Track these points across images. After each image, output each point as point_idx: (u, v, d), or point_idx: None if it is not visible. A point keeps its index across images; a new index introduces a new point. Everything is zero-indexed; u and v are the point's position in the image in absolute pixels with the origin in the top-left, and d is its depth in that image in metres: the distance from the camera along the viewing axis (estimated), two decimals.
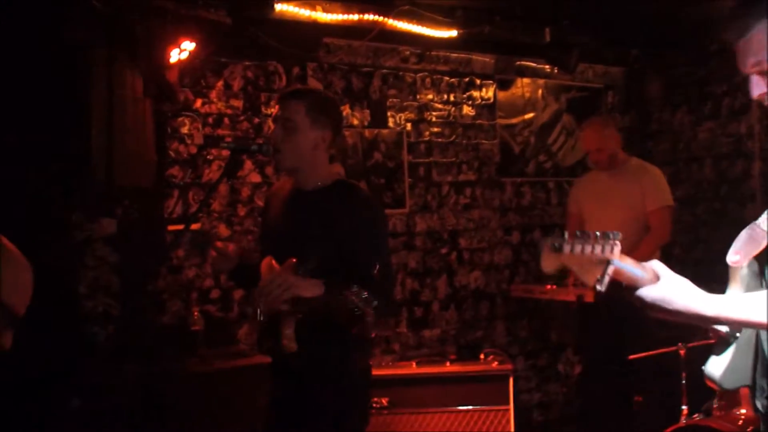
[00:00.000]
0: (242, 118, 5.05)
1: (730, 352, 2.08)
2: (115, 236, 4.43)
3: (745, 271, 2.06)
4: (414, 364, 4.91)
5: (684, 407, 3.99)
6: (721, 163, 6.35)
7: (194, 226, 3.43)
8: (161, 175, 4.72)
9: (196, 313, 4.56)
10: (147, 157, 4.50)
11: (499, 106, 6.26)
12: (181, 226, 4.58)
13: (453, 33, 5.45)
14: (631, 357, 4.26)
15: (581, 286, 5.13)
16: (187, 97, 4.85)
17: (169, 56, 4.36)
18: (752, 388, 2.16)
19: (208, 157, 4.91)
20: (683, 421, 3.84)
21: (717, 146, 6.37)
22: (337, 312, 2.81)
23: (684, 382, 4.05)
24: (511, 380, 4.79)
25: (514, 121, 6.35)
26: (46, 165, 4.07)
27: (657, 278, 1.85)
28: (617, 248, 1.85)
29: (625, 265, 1.82)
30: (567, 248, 1.79)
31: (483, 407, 4.77)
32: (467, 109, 6.10)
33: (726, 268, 2.16)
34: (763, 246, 2.01)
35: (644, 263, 1.88)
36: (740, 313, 1.84)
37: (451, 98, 6.02)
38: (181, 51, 4.35)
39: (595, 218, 5.27)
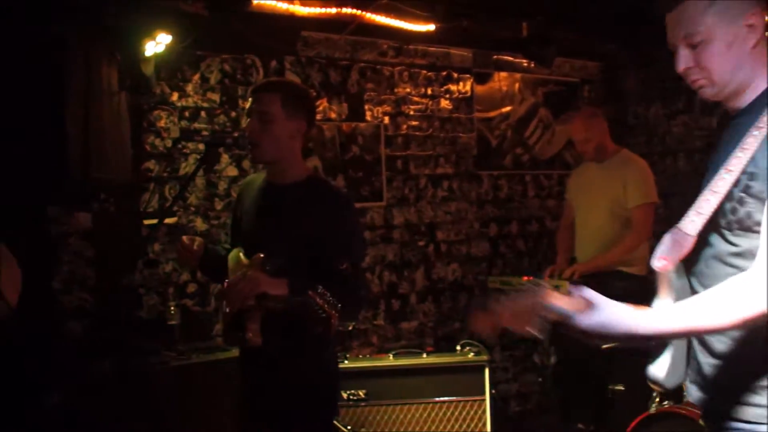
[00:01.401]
0: (219, 111, 5.04)
1: (668, 352, 2.08)
2: (91, 230, 4.42)
3: (673, 276, 2.06)
4: (391, 356, 4.92)
5: (655, 394, 4.03)
6: (694, 156, 6.40)
7: (170, 220, 3.44)
8: (137, 168, 4.70)
9: (172, 308, 4.55)
10: (123, 150, 4.48)
11: (477, 100, 6.29)
12: (156, 220, 4.65)
13: (431, 27, 5.47)
14: (605, 346, 4.30)
15: (557, 277, 5.17)
16: (163, 91, 4.83)
17: (146, 49, 4.34)
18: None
19: (185, 150, 4.90)
20: (653, 408, 3.88)
21: (690, 140, 6.43)
22: (300, 312, 2.84)
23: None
24: (487, 371, 4.81)
25: (491, 114, 6.37)
26: (20, 159, 4.04)
27: (588, 306, 1.86)
28: (544, 290, 1.88)
29: (553, 306, 1.84)
30: (494, 306, 1.84)
31: (460, 398, 4.79)
32: (445, 103, 6.12)
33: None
34: (687, 249, 2.02)
35: (571, 296, 1.88)
36: (677, 324, 1.87)
37: (429, 92, 6.03)
38: (158, 44, 4.32)
39: (582, 210, 5.30)
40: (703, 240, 2.03)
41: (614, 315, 1.85)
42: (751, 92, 2.03)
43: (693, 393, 2.11)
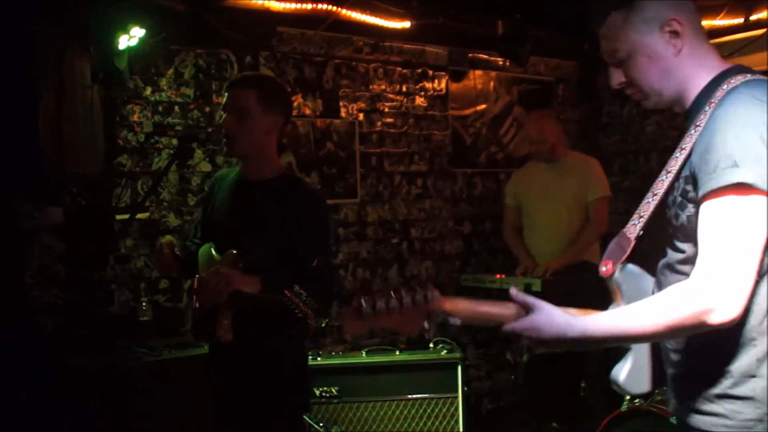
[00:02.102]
0: (193, 106, 5.01)
1: (629, 356, 2.05)
2: (63, 225, 4.37)
3: (620, 280, 2.02)
4: (363, 353, 4.92)
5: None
6: (667, 155, 6.43)
7: (142, 215, 3.43)
8: (110, 163, 4.67)
9: (144, 304, 4.52)
10: (95, 144, 4.44)
11: (452, 98, 6.30)
12: (128, 216, 4.61)
13: (406, 24, 5.47)
14: None
15: (530, 275, 5.21)
16: (136, 85, 4.79)
17: (119, 42, 4.29)
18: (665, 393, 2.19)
19: (158, 145, 4.86)
20: (625, 406, 3.90)
21: (663, 139, 6.48)
22: (273, 309, 2.84)
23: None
24: (460, 368, 4.82)
25: (466, 112, 6.38)
26: None
27: (525, 311, 1.87)
28: (435, 295, 1.90)
29: (480, 309, 1.89)
30: (369, 310, 1.84)
31: (432, 395, 4.79)
32: (419, 100, 6.12)
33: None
34: (627, 253, 2.00)
35: (507, 302, 1.90)
36: (610, 328, 1.85)
37: (404, 89, 6.03)
38: (131, 37, 4.28)
39: (537, 211, 5.37)
40: (661, 249, 2.02)
41: (546, 319, 1.85)
42: (691, 95, 1.99)
43: (669, 401, 2.11)
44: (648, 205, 1.98)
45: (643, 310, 1.82)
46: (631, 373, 2.05)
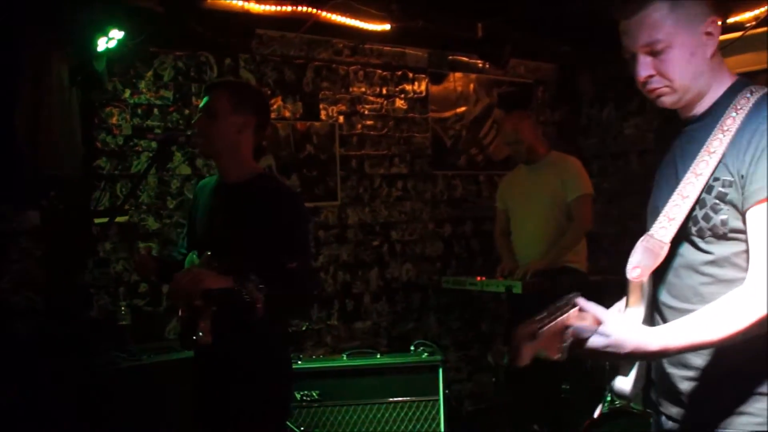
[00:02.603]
0: (172, 109, 4.98)
1: (635, 369, 2.07)
2: (41, 228, 4.33)
3: (645, 285, 2.03)
4: (344, 357, 4.91)
5: (607, 394, 4.08)
6: (645, 157, 6.49)
7: (121, 219, 3.42)
8: (88, 166, 4.63)
9: (123, 308, 4.48)
10: (74, 147, 4.41)
11: (432, 100, 6.30)
12: (107, 219, 4.58)
13: (386, 27, 5.46)
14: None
15: (510, 277, 5.21)
16: (115, 87, 4.75)
17: (98, 44, 4.26)
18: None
19: (137, 148, 4.83)
20: (606, 407, 3.92)
21: (642, 141, 6.52)
22: (232, 301, 2.83)
23: (609, 369, 4.14)
24: (440, 371, 4.82)
25: (446, 114, 6.39)
26: None
27: (597, 322, 1.85)
28: (575, 310, 1.87)
29: (580, 326, 1.84)
30: (541, 331, 1.81)
31: (413, 398, 4.79)
32: (400, 103, 6.11)
33: None
34: (662, 258, 2.00)
35: (588, 311, 1.88)
36: (683, 340, 1.84)
37: (384, 91, 6.03)
38: (110, 39, 4.25)
39: (519, 214, 5.39)
40: (670, 249, 2.01)
41: (626, 332, 1.84)
42: (707, 100, 2.03)
43: (667, 407, 2.11)
44: (679, 208, 1.97)
45: (712, 321, 1.84)
46: (636, 382, 2.08)
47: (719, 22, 1.98)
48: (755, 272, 1.85)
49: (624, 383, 2.08)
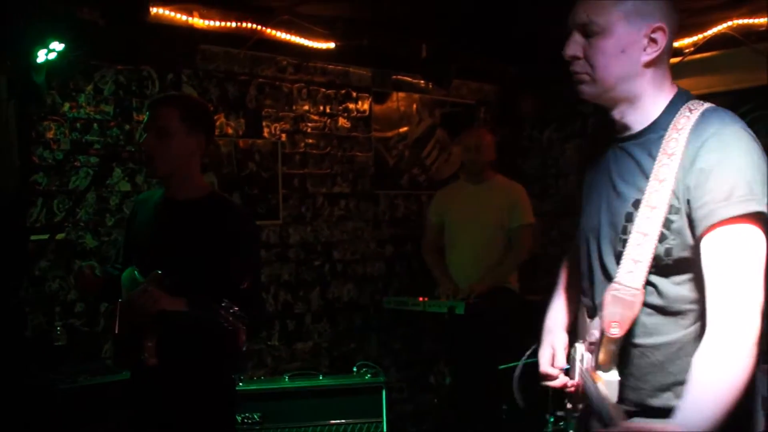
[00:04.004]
0: (113, 124, 4.86)
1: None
2: None
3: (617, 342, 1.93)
4: (286, 378, 4.84)
5: (548, 415, 4.09)
6: None
7: (58, 236, 3.34)
8: (24, 181, 4.49)
9: (59, 328, 4.35)
10: (9, 161, 4.29)
11: (375, 119, 6.29)
12: (45, 236, 4.45)
13: (331, 45, 5.46)
14: (501, 366, 4.34)
15: (452, 298, 5.22)
16: (54, 100, 4.62)
17: (37, 56, 4.15)
18: None
19: (76, 163, 4.70)
20: (550, 427, 3.93)
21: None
22: (206, 327, 2.77)
23: (552, 392, 4.14)
24: (383, 392, 4.79)
25: (388, 134, 6.38)
26: None
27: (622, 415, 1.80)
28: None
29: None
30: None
31: (356, 420, 4.76)
32: (343, 121, 6.09)
33: None
34: (639, 307, 1.88)
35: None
36: (707, 413, 1.71)
37: (327, 110, 6.00)
38: (50, 51, 4.15)
39: (459, 230, 5.41)
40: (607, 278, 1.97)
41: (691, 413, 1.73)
42: (645, 114, 1.94)
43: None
44: (642, 248, 1.85)
45: (721, 383, 1.72)
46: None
47: (667, 32, 1.89)
48: (729, 305, 1.75)
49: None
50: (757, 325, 1.73)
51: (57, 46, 4.16)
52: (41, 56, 4.17)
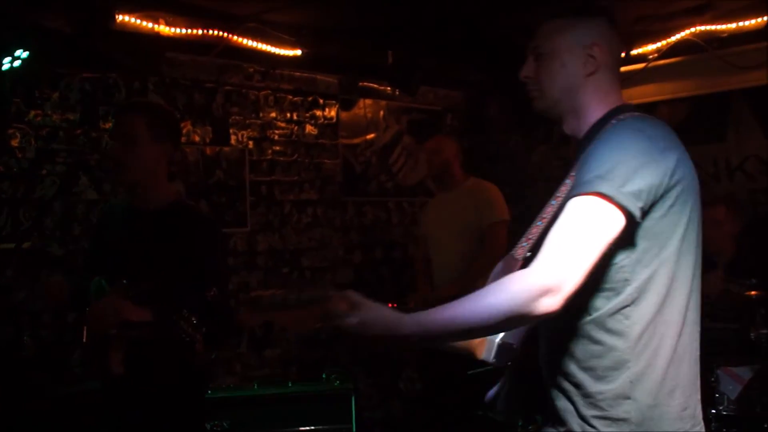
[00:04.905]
0: (79, 132, 4.83)
1: (502, 381, 2.08)
2: None
3: None
4: (255, 385, 4.83)
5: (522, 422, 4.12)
6: (551, 184, 6.61)
7: (26, 245, 3.32)
8: None
9: (26, 338, 4.31)
10: None
11: (342, 126, 6.30)
12: (10, 245, 4.40)
13: (297, 52, 5.46)
14: (470, 372, 4.36)
15: (422, 304, 5.23)
16: (19, 108, 4.59)
17: (2, 64, 4.12)
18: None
19: (42, 172, 4.66)
20: None
21: (548, 169, 6.66)
22: (166, 338, 2.76)
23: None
24: (353, 399, 4.79)
25: (356, 141, 6.40)
26: None
27: (351, 308, 1.83)
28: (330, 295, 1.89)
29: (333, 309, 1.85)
30: (265, 302, 1.81)
31: (325, 426, 4.75)
32: (310, 128, 6.10)
33: None
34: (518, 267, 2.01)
35: (339, 294, 1.87)
36: (444, 315, 1.80)
37: (294, 117, 6.00)
38: (15, 59, 4.12)
39: (436, 240, 5.41)
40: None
41: (374, 314, 1.81)
42: (584, 125, 2.07)
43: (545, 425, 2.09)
44: (537, 228, 2.05)
45: (480, 298, 1.79)
46: (502, 398, 2.09)
47: (604, 48, 2.05)
48: (540, 256, 1.78)
49: (492, 396, 2.09)
50: (560, 279, 1.74)
51: (22, 53, 4.14)
52: (5, 64, 4.14)
